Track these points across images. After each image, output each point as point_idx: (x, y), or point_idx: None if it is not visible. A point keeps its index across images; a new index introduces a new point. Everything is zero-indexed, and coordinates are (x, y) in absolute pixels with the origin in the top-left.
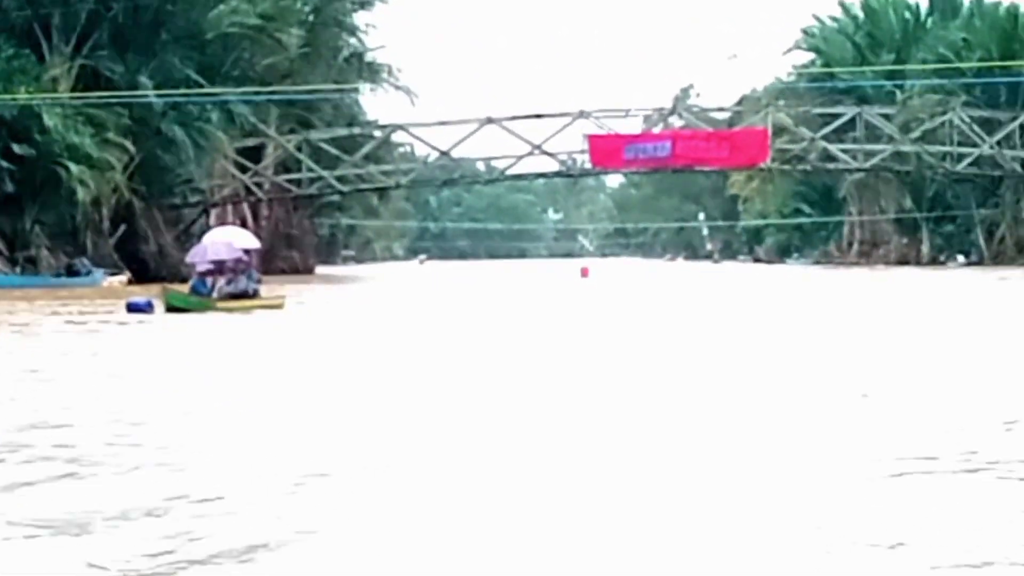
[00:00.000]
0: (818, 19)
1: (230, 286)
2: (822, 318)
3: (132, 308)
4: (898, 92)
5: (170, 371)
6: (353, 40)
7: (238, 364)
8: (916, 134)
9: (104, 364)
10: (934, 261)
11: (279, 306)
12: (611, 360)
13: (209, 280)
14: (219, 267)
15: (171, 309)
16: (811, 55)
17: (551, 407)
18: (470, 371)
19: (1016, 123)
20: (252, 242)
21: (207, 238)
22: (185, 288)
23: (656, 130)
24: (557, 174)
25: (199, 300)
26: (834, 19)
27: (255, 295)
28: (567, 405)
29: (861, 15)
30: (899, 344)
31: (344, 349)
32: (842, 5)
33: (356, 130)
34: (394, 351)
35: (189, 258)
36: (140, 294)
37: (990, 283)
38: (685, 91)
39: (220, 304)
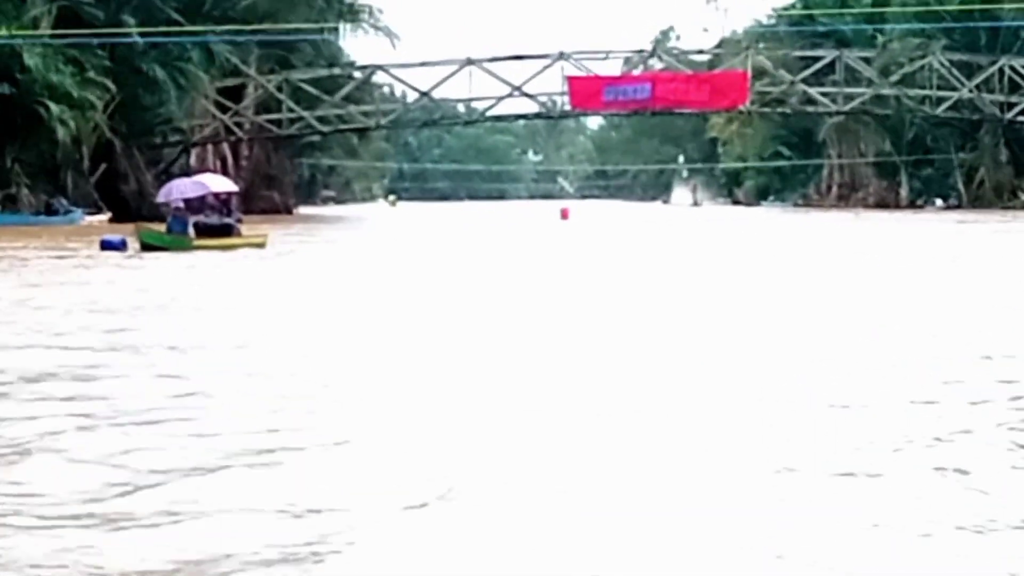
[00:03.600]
0: None
1: (207, 218)
2: (790, 262)
3: (106, 246)
4: (878, 35)
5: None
6: None
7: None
8: (896, 77)
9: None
10: (912, 204)
11: (261, 244)
12: (590, 306)
13: (186, 217)
14: (196, 205)
15: (145, 247)
16: None
17: (529, 356)
18: (450, 314)
19: (995, 67)
20: (228, 186)
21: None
22: (162, 227)
23: (636, 72)
24: (537, 116)
25: (173, 238)
26: None
27: (235, 232)
28: (546, 353)
29: None
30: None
31: (326, 285)
32: None
33: (336, 70)
34: (375, 295)
35: (158, 198)
36: (118, 233)
37: (953, 227)
38: (665, 33)
39: (197, 242)
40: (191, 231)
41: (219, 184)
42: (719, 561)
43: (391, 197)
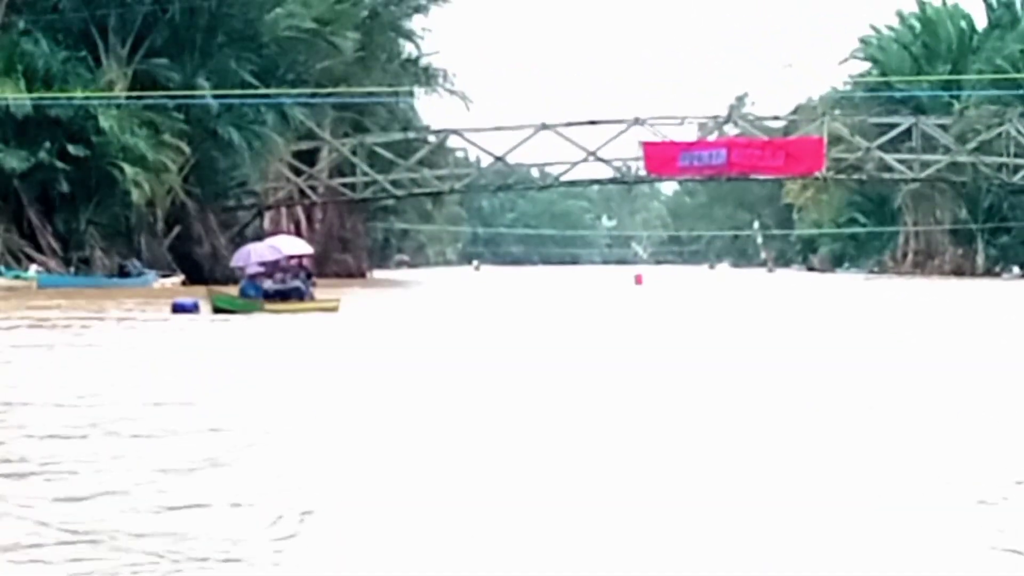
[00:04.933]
0: (875, 28)
1: (278, 284)
2: (867, 328)
3: (178, 309)
4: (954, 102)
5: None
6: (409, 44)
7: (283, 365)
8: (972, 145)
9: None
10: (989, 272)
11: (334, 308)
12: (665, 372)
13: (260, 282)
14: (270, 269)
15: (217, 310)
16: (867, 64)
17: (599, 415)
18: (525, 380)
19: None
20: (304, 248)
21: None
22: (234, 290)
23: (711, 138)
24: (611, 181)
25: (245, 302)
26: (891, 28)
27: (309, 297)
28: (612, 413)
29: (918, 25)
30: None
31: (399, 354)
32: (899, 15)
33: (411, 134)
34: (453, 357)
35: (233, 262)
36: (190, 296)
37: None
38: (740, 99)
39: (269, 306)
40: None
41: (294, 247)
42: None
43: (475, 263)
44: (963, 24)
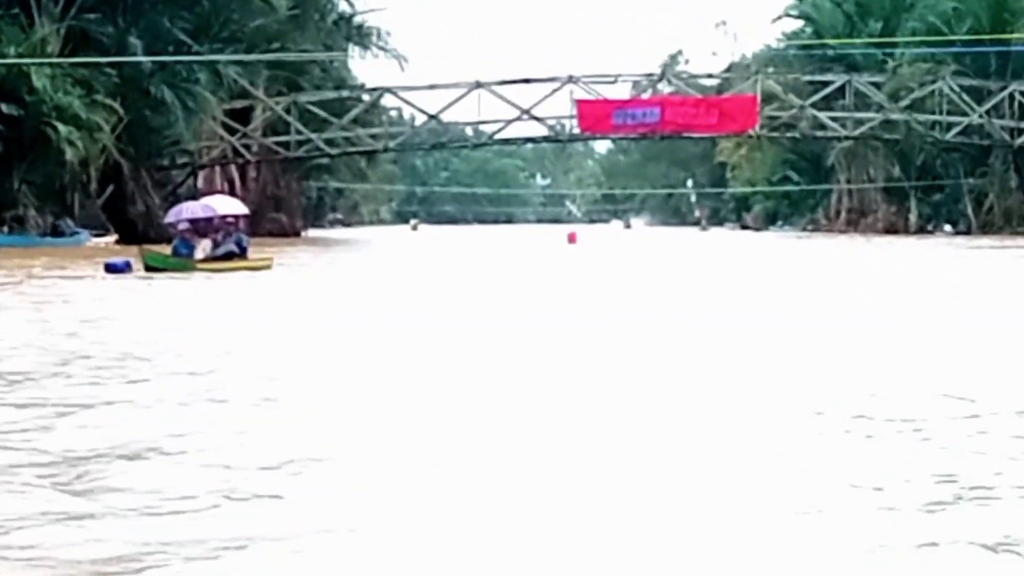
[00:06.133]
0: None
1: (217, 250)
2: (798, 287)
3: (110, 268)
4: (888, 60)
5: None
6: (343, 2)
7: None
8: (905, 103)
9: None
10: (922, 230)
11: (267, 267)
12: (596, 330)
13: (193, 241)
14: (203, 228)
15: (149, 269)
16: (800, 22)
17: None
18: (461, 339)
19: (1005, 92)
20: (239, 208)
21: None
22: (167, 249)
23: (645, 96)
24: (545, 139)
25: (178, 260)
26: None
27: (243, 255)
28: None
29: None
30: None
31: (332, 311)
32: None
33: (345, 93)
34: (375, 317)
35: (166, 219)
36: (123, 255)
37: (964, 254)
38: (674, 57)
39: (201, 264)
40: (197, 254)
41: (228, 206)
42: None
43: (413, 221)
44: None
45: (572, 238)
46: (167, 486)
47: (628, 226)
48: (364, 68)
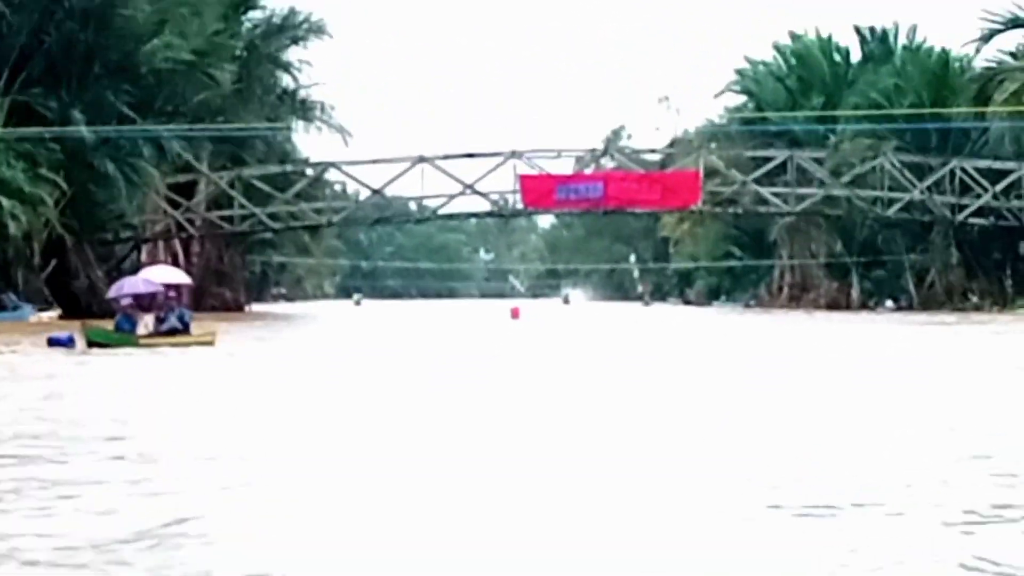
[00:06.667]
0: (750, 62)
1: (161, 325)
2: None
3: (53, 343)
4: (830, 136)
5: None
6: (287, 77)
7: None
8: (847, 178)
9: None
10: (864, 306)
11: (210, 342)
12: (535, 402)
13: (135, 316)
14: (147, 303)
15: (92, 344)
16: (743, 98)
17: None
18: (402, 412)
19: (946, 169)
20: (179, 277)
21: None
22: (110, 324)
23: (588, 171)
24: (489, 214)
25: (120, 335)
26: (766, 63)
27: (186, 331)
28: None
29: (793, 58)
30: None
31: (276, 386)
32: (775, 47)
33: (289, 167)
34: (324, 393)
35: (109, 294)
36: (67, 329)
37: (907, 329)
38: (617, 132)
39: (144, 340)
40: (140, 330)
41: (168, 276)
42: None
43: (356, 296)
44: (837, 57)
45: (515, 313)
46: None
47: (567, 301)
48: (308, 143)
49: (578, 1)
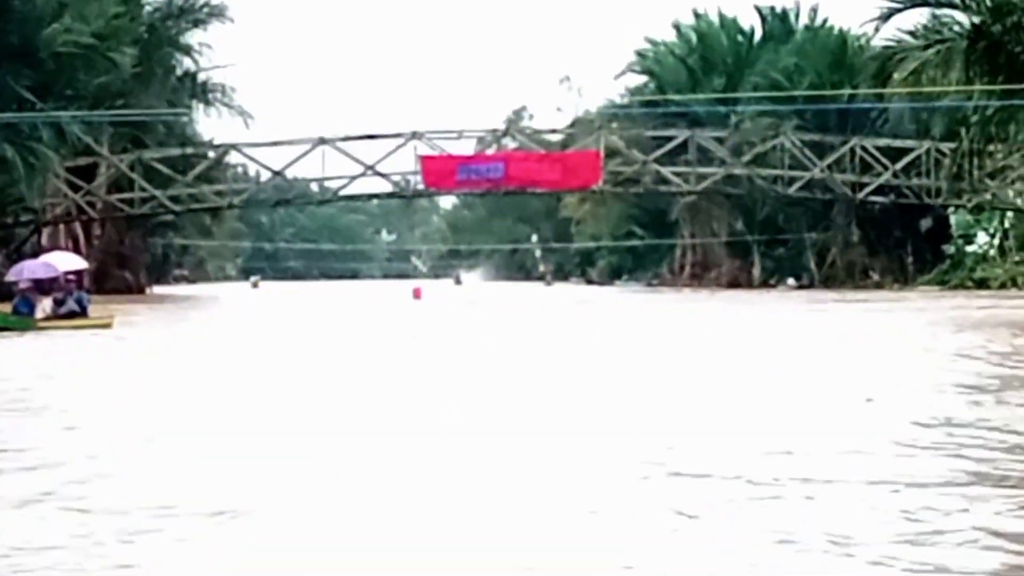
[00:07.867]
0: (651, 42)
1: (59, 308)
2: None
3: None
4: (731, 116)
5: None
6: (188, 60)
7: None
8: (748, 157)
9: None
10: (765, 284)
11: (108, 325)
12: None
13: (34, 299)
14: (46, 286)
15: None
16: (644, 78)
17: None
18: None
19: (847, 147)
20: (78, 264)
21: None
22: (7, 307)
23: (489, 151)
24: (390, 195)
25: (18, 319)
26: (667, 43)
27: (83, 314)
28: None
29: (694, 38)
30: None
31: (171, 369)
32: (676, 28)
33: (189, 150)
34: (219, 373)
35: (8, 277)
36: None
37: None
38: (518, 113)
39: (42, 323)
40: (38, 313)
41: (68, 263)
42: None
43: (253, 279)
44: (739, 37)
45: (417, 293)
46: None
47: (458, 282)
48: (209, 125)
49: None
